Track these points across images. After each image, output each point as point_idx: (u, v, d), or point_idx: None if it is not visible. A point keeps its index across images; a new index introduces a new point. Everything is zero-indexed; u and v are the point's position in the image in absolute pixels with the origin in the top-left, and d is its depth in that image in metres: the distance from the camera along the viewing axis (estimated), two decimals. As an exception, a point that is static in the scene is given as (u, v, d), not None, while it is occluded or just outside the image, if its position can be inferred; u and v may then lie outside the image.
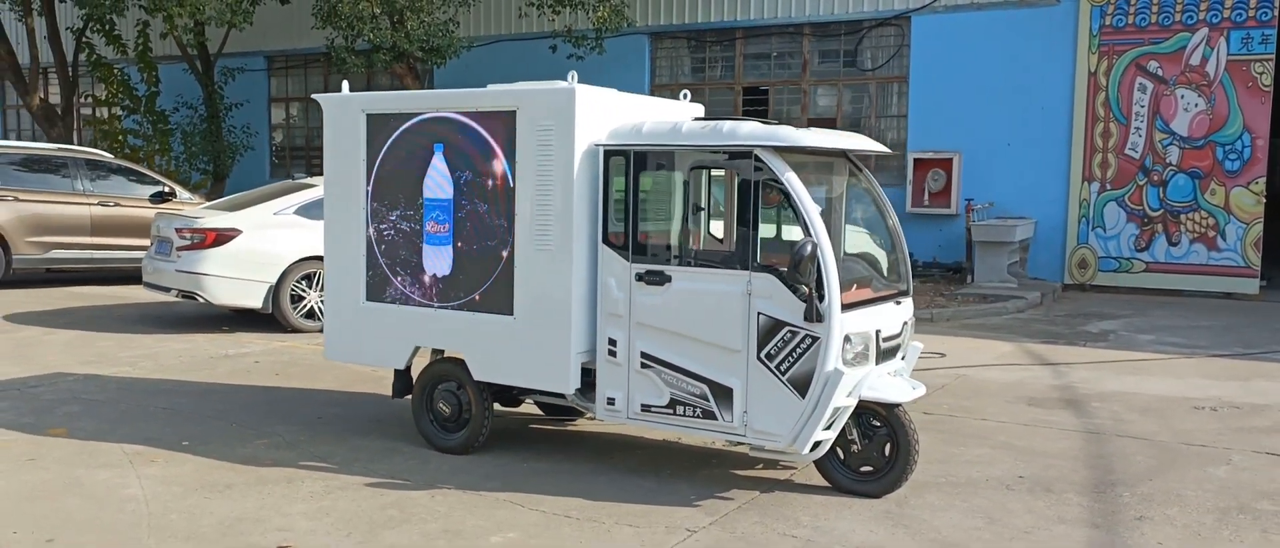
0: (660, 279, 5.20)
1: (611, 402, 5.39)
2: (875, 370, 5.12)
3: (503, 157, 5.50)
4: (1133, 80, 13.35)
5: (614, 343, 5.33)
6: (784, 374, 4.94)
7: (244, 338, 9.62)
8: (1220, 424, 6.86)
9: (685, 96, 6.53)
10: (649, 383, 5.27)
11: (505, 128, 5.49)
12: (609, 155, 5.30)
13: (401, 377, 6.16)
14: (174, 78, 18.78)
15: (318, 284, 9.79)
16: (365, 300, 6.04)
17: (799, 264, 4.72)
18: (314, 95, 6.77)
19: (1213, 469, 5.83)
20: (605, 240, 5.34)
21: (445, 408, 5.90)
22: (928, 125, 14.56)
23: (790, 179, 4.92)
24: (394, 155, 5.87)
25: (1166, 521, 4.97)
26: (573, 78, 5.41)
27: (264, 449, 5.96)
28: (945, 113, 14.40)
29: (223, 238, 9.69)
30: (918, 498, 5.23)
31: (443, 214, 5.72)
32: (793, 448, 4.98)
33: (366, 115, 5.96)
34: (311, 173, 13.81)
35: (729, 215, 5.16)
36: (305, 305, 9.90)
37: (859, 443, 5.22)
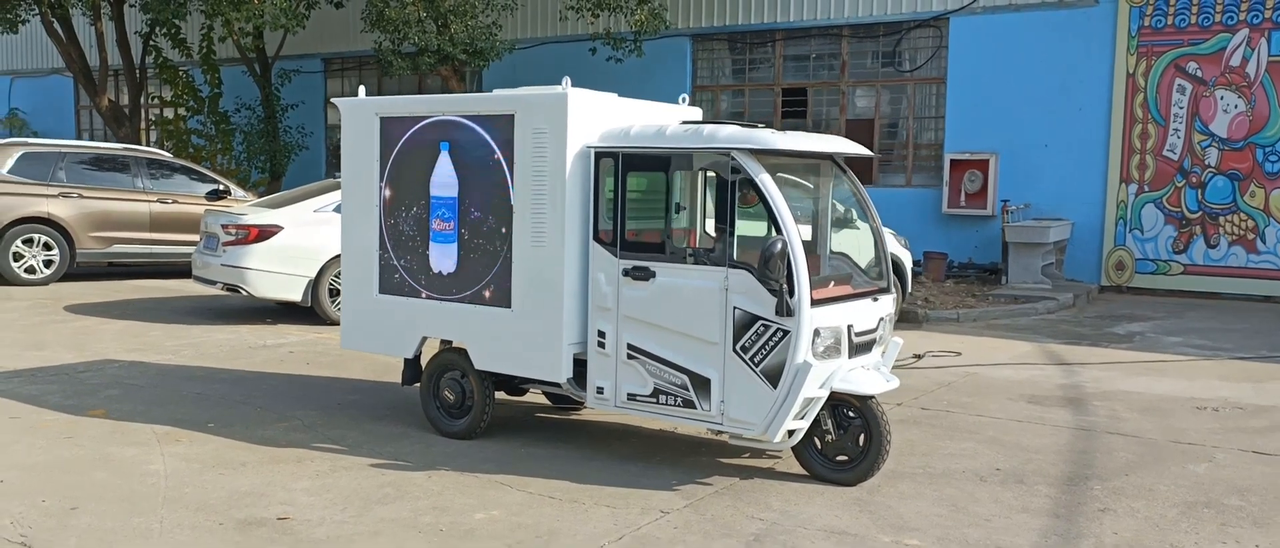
0: (645, 275, 5.48)
1: (600, 391, 5.68)
2: (848, 364, 5.34)
3: (502, 158, 5.82)
4: (1171, 81, 13.27)
5: (603, 335, 5.62)
6: (757, 366, 5.19)
7: (284, 329, 10.10)
8: (1217, 424, 6.93)
9: (683, 101, 6.77)
10: (634, 373, 5.55)
11: (505, 130, 5.81)
12: (599, 157, 5.59)
13: (411, 365, 6.52)
14: (234, 79, 19.51)
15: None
16: (378, 293, 6.41)
17: (768, 261, 4.97)
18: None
19: (1193, 466, 5.94)
20: (596, 238, 5.63)
21: (450, 395, 6.24)
22: (965, 126, 14.61)
23: (764, 180, 5.17)
24: (404, 156, 6.22)
25: (1129, 513, 5.12)
26: (566, 83, 5.70)
27: (282, 432, 6.36)
28: (983, 114, 14.45)
29: (265, 234, 10.17)
30: (891, 487, 5.44)
31: (448, 212, 6.06)
32: (765, 436, 5.23)
33: (380, 118, 6.33)
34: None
35: (698, 213, 5.41)
36: (343, 299, 10.33)
37: (834, 433, 5.44)
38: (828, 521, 4.92)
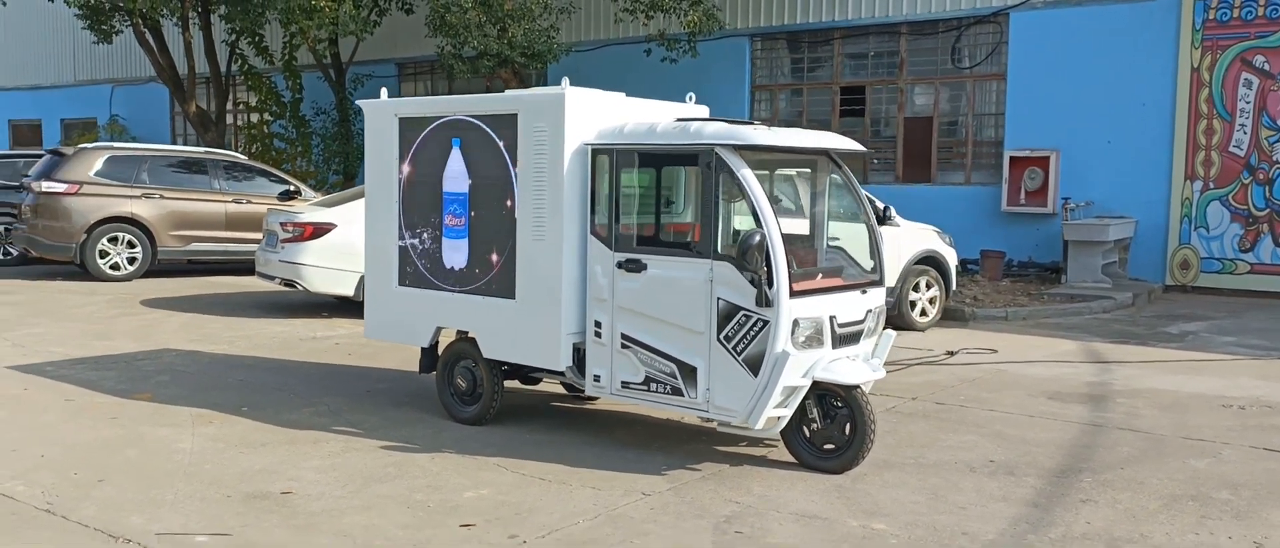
0: (638, 267, 5.68)
1: (598, 379, 5.90)
2: (831, 354, 5.45)
3: (507, 156, 6.08)
4: (1237, 75, 12.93)
5: (599, 325, 5.84)
6: (740, 355, 5.35)
7: (336, 322, 10.54)
8: (1237, 421, 6.83)
9: (690, 99, 6.94)
10: (628, 362, 5.75)
11: (509, 130, 6.07)
12: (596, 154, 5.81)
13: (427, 354, 6.82)
14: (313, 85, 20.24)
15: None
16: (397, 285, 6.73)
17: (746, 253, 5.12)
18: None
19: (1194, 461, 5.89)
20: (593, 231, 5.85)
21: (462, 383, 6.53)
22: (1025, 123, 14.44)
23: (745, 175, 5.32)
24: (420, 154, 6.53)
25: (1110, 504, 5.13)
26: (565, 83, 5.94)
27: (307, 416, 6.72)
28: (1043, 110, 14.25)
29: (320, 231, 10.63)
30: (876, 475, 5.54)
31: (460, 207, 6.35)
32: (747, 423, 5.38)
33: (398, 119, 6.65)
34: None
35: (686, 207, 5.58)
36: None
37: (820, 422, 5.57)
38: (802, 505, 5.05)
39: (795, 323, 5.26)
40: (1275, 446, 6.22)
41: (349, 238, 10.59)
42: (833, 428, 5.56)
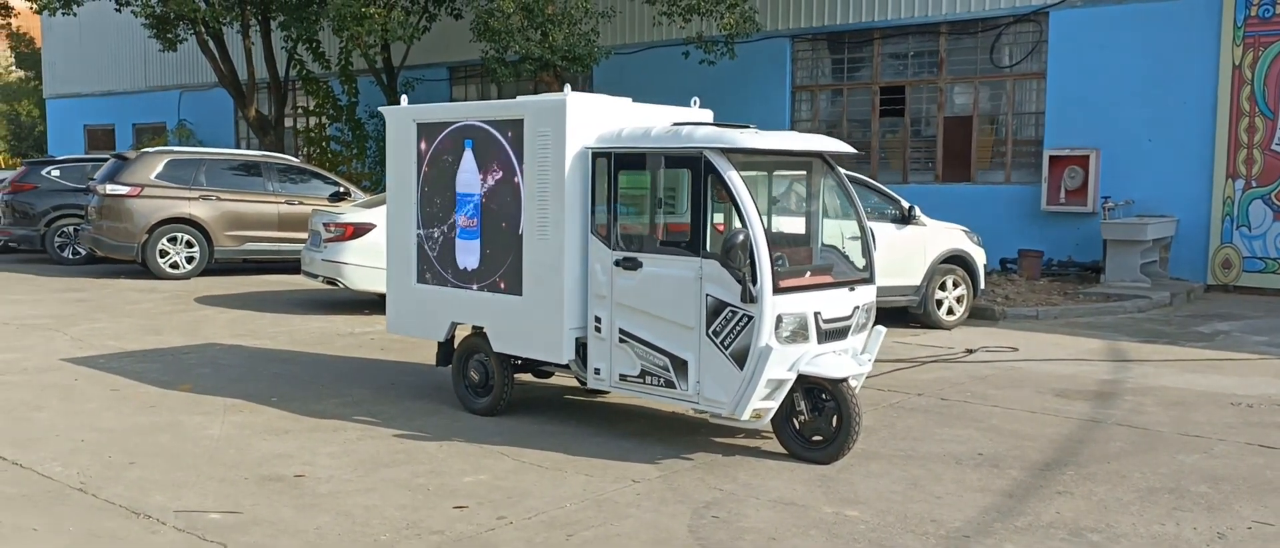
0: (634, 265, 5.94)
1: (598, 372, 6.18)
2: (816, 349, 5.66)
3: (515, 159, 6.39)
4: (1280, 72, 12.78)
5: (599, 320, 6.11)
6: (726, 349, 5.58)
7: (374, 319, 10.95)
8: (1239, 419, 6.88)
9: (695, 104, 7.17)
10: (625, 355, 6.02)
11: (516, 134, 6.37)
12: (595, 157, 6.09)
13: (444, 348, 7.15)
14: (366, 89, 20.81)
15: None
16: (416, 282, 7.07)
17: (730, 251, 5.36)
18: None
19: (1184, 456, 5.98)
20: (593, 231, 6.13)
21: (475, 376, 6.85)
22: (1065, 122, 14.40)
23: (732, 177, 5.55)
24: (436, 158, 6.86)
25: (1086, 496, 5.26)
26: (567, 89, 6.22)
27: (332, 406, 7.10)
28: (1083, 109, 14.21)
29: (360, 231, 11.06)
30: (861, 466, 5.73)
31: (472, 208, 6.67)
32: (734, 414, 5.61)
33: (416, 124, 6.99)
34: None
35: (679, 207, 5.82)
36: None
37: (808, 415, 5.77)
38: (782, 493, 5.27)
39: (779, 318, 5.48)
40: (1269, 442, 6.27)
41: (387, 238, 11.01)
42: (821, 421, 5.77)
